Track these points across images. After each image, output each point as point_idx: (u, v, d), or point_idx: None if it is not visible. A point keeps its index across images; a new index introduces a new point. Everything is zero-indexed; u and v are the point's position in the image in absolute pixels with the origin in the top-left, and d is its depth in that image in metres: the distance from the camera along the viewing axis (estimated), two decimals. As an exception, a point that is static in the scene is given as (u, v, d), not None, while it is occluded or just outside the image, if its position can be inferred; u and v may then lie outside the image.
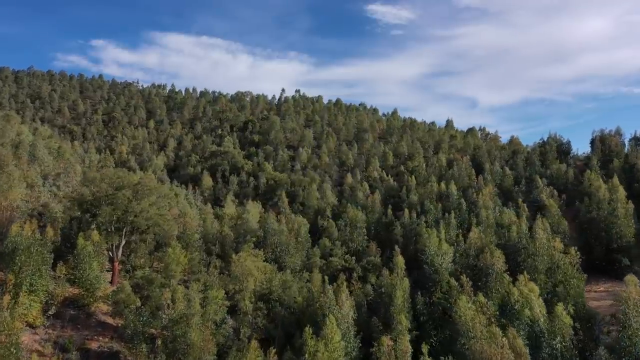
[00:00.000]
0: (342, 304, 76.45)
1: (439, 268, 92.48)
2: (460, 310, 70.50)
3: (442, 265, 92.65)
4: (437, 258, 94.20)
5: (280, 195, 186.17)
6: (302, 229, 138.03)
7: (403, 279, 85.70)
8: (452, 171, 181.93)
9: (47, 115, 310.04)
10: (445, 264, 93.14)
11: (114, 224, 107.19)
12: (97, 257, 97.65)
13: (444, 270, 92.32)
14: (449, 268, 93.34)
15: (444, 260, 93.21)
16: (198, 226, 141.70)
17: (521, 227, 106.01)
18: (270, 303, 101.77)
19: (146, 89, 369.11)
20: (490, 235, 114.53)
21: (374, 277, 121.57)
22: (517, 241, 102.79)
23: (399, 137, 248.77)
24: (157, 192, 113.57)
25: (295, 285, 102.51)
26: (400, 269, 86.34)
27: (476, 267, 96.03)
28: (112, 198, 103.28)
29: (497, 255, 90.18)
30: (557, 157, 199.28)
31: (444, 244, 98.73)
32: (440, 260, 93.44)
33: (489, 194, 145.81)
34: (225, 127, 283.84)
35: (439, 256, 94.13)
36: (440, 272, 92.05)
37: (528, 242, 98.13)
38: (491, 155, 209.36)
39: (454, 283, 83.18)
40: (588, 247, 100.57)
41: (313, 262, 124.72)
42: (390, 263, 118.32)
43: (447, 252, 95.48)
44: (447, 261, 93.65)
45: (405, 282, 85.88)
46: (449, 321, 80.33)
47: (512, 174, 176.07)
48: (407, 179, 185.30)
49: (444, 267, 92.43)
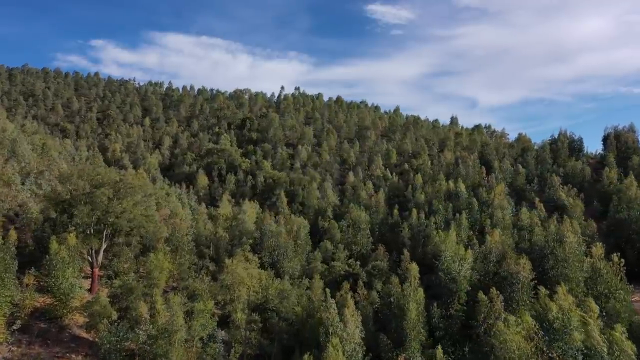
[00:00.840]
0: (347, 321, 64.60)
1: (457, 276, 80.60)
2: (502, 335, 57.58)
3: (461, 272, 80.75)
4: (453, 264, 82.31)
5: (279, 194, 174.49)
6: (302, 231, 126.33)
7: (417, 289, 73.89)
8: (459, 169, 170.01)
9: (40, 112, 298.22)
10: (464, 271, 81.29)
11: (93, 225, 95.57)
12: (72, 263, 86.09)
13: (462, 279, 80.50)
14: (467, 276, 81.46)
15: (462, 267, 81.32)
16: (190, 228, 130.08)
17: (549, 228, 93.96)
18: (267, 314, 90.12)
19: (143, 87, 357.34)
20: (508, 237, 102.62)
21: (380, 284, 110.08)
22: (543, 245, 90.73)
23: (402, 135, 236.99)
24: (143, 190, 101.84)
25: (294, 294, 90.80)
26: (413, 278, 74.61)
27: (497, 275, 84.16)
28: (90, 197, 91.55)
29: (523, 262, 78.33)
30: (569, 155, 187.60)
31: (461, 247, 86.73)
32: (458, 267, 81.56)
33: (502, 192, 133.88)
34: (222, 125, 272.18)
35: (456, 262, 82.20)
36: (458, 280, 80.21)
37: (555, 246, 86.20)
38: (499, 152, 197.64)
39: (483, 298, 71.06)
40: (618, 251, 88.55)
41: (313, 267, 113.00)
42: (399, 269, 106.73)
43: (466, 257, 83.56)
44: (465, 268, 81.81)
45: (420, 293, 74.17)
46: (472, 338, 68.64)
47: (524, 172, 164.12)
48: (413, 177, 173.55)
49: (462, 275, 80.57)
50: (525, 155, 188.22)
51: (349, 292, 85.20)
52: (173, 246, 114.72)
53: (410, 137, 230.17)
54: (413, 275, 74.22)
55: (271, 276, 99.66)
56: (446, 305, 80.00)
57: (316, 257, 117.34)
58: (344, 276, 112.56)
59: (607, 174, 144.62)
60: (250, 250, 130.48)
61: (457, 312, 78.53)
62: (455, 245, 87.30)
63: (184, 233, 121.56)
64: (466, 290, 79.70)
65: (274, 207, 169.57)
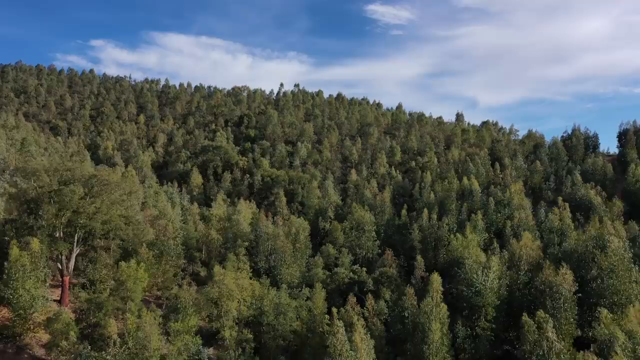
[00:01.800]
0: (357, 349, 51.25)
1: (482, 288, 67.17)
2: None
3: (486, 283, 67.34)
4: (477, 275, 68.88)
5: (277, 193, 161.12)
6: (302, 233, 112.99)
7: (439, 304, 60.56)
8: (469, 167, 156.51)
9: (32, 109, 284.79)
10: (490, 282, 67.87)
11: (62, 228, 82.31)
12: (35, 272, 73.02)
13: (488, 291, 67.08)
14: (494, 287, 68.05)
15: (487, 277, 67.94)
16: (179, 229, 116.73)
17: (588, 231, 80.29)
18: (261, 329, 76.82)
19: (138, 84, 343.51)
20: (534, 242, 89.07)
21: (388, 292, 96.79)
22: (582, 252, 77.07)
23: (406, 132, 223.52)
24: (121, 188, 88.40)
25: (293, 306, 77.43)
26: (435, 292, 61.30)
27: (530, 286, 70.76)
28: (58, 195, 78.21)
29: (564, 271, 65.01)
30: (585, 152, 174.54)
31: (479, 252, 73.33)
32: (483, 278, 68.16)
33: (520, 191, 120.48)
34: (219, 122, 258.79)
35: (479, 270, 68.75)
36: (483, 293, 66.80)
37: (597, 253, 72.69)
38: (509, 149, 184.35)
39: (528, 323, 57.43)
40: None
41: (314, 274, 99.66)
42: (412, 277, 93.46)
43: (490, 265, 70.12)
44: (491, 278, 68.44)
45: (443, 310, 61.00)
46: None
47: (542, 169, 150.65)
48: (421, 175, 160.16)
49: (488, 287, 67.13)
50: (538, 152, 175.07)
51: (355, 306, 71.78)
52: (158, 250, 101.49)
53: (415, 134, 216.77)
54: (435, 289, 61.08)
55: (266, 285, 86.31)
56: (471, 323, 66.72)
57: (317, 263, 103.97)
58: (348, 284, 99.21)
59: (633, 171, 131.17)
60: (246, 254, 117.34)
61: (485, 330, 65.38)
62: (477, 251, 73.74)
63: (171, 236, 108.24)
64: (495, 304, 66.36)
65: (272, 207, 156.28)
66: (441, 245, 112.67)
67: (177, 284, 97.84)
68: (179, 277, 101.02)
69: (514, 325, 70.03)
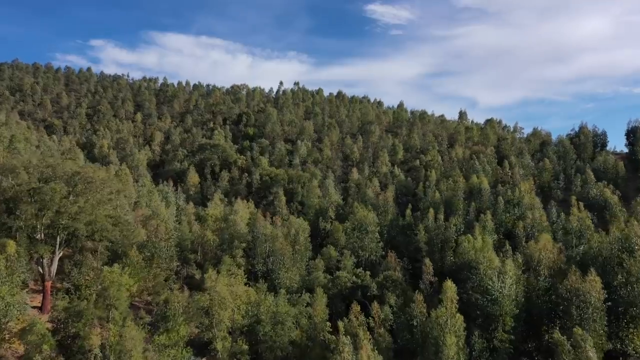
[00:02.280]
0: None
1: (499, 296, 60.58)
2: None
3: (504, 291, 60.74)
4: (492, 281, 62.30)
5: (277, 193, 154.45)
6: (302, 234, 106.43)
7: (455, 315, 54.01)
8: (475, 165, 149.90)
9: (27, 108, 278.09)
10: (507, 289, 61.27)
11: (43, 229, 75.86)
12: (10, 277, 66.62)
13: (505, 299, 60.46)
14: (512, 295, 61.46)
15: (504, 282, 61.37)
16: (173, 230, 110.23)
17: (615, 234, 73.55)
18: (258, 338, 70.29)
19: (136, 83, 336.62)
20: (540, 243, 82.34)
21: (393, 297, 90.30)
22: (607, 255, 70.43)
23: (408, 130, 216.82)
24: (108, 186, 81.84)
25: (292, 315, 70.86)
26: (450, 301, 54.84)
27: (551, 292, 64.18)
28: (38, 193, 71.71)
29: (592, 277, 58.46)
30: (593, 150, 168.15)
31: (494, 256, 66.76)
32: (499, 285, 61.58)
33: (530, 190, 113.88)
34: (217, 121, 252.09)
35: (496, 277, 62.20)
36: (501, 302, 60.22)
37: (623, 257, 66.10)
38: (515, 147, 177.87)
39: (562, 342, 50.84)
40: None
41: (315, 277, 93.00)
42: (420, 282, 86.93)
43: (507, 271, 63.53)
44: (508, 284, 61.82)
45: (459, 321, 54.50)
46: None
47: (551, 167, 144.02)
48: (425, 174, 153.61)
49: (505, 295, 60.52)
50: (545, 150, 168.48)
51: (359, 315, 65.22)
52: (149, 253, 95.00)
53: (418, 132, 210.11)
54: (449, 298, 54.64)
55: (263, 290, 79.72)
56: (488, 334, 60.13)
57: (317, 266, 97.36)
58: (351, 289, 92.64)
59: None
60: (243, 256, 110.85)
61: (503, 342, 58.83)
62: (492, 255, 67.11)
63: (163, 237, 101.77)
64: (513, 313, 59.77)
65: (271, 207, 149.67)
66: (448, 247, 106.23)
67: (170, 288, 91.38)
68: (171, 281, 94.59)
69: (533, 335, 63.71)
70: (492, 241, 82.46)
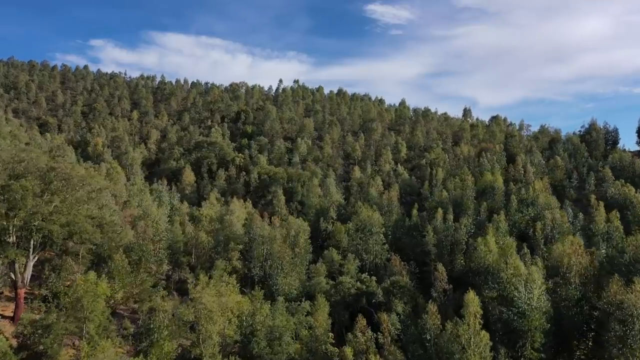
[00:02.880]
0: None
1: (527, 309, 52.61)
2: None
3: (532, 303, 52.76)
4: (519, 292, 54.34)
5: (275, 192, 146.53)
6: (302, 236, 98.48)
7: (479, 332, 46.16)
8: (484, 163, 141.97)
9: (22, 106, 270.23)
10: (536, 300, 53.30)
11: (15, 230, 67.93)
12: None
13: (535, 313, 52.49)
14: (542, 307, 53.51)
15: (533, 294, 53.43)
16: (164, 232, 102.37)
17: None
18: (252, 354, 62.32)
19: (133, 80, 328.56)
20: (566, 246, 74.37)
21: (401, 304, 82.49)
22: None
23: (411, 128, 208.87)
24: (88, 184, 73.88)
25: (291, 326, 62.91)
26: (472, 316, 47.08)
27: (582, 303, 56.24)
28: (7, 191, 63.80)
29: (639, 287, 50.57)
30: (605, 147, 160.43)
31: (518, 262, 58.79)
32: (526, 296, 53.62)
33: (545, 189, 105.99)
34: (215, 119, 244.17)
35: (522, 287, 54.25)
36: (529, 315, 52.29)
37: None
38: (523, 145, 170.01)
39: None
40: None
41: (316, 283, 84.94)
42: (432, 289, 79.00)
43: (535, 279, 55.55)
44: (537, 295, 53.86)
45: (484, 340, 46.64)
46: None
47: (564, 165, 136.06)
48: (431, 172, 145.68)
49: (535, 307, 52.55)
50: (555, 148, 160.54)
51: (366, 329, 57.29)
52: (136, 256, 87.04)
53: (421, 129, 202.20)
54: (472, 312, 46.51)
55: (259, 298, 71.70)
56: (514, 352, 52.20)
57: (319, 270, 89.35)
58: (355, 295, 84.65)
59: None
60: (240, 259, 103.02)
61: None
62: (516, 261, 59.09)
63: (151, 239, 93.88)
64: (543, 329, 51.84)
65: (269, 207, 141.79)
66: (459, 250, 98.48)
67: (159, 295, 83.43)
68: (160, 287, 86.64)
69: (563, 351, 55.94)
70: (514, 244, 74.37)
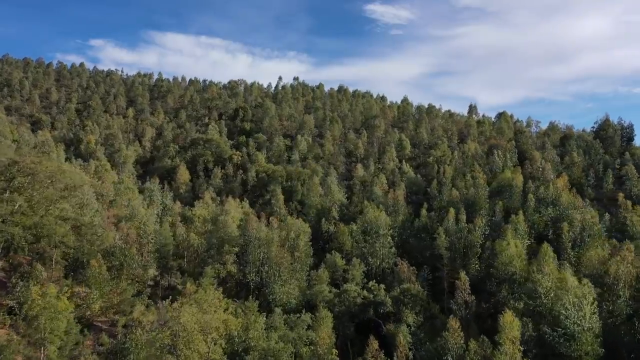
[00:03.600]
0: None
1: (578, 331, 43.14)
2: None
3: (583, 324, 43.32)
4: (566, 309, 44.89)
5: (274, 191, 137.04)
6: (302, 238, 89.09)
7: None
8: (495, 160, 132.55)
9: (15, 103, 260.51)
10: (588, 320, 43.83)
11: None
12: None
13: (586, 335, 43.08)
14: (595, 327, 44.10)
15: (584, 311, 43.92)
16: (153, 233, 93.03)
17: None
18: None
19: (130, 78, 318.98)
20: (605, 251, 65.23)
21: (412, 315, 73.36)
22: None
23: (415, 125, 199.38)
24: (59, 181, 64.48)
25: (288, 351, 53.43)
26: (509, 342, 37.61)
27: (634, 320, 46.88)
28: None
29: None
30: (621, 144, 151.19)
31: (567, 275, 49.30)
32: (575, 314, 44.13)
33: (566, 187, 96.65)
34: (213, 116, 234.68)
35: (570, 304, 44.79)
36: (580, 338, 42.90)
37: None
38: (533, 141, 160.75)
39: None
40: None
41: (318, 292, 75.45)
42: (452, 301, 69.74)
43: (585, 294, 45.94)
44: (589, 314, 44.41)
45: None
46: None
47: (581, 162, 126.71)
48: (437, 170, 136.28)
49: (586, 329, 43.13)
50: (568, 145, 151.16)
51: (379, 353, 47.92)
52: (117, 262, 77.70)
53: (425, 126, 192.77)
54: (510, 337, 37.14)
55: (253, 310, 62.29)
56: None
57: (320, 277, 79.85)
58: (361, 305, 75.26)
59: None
60: (235, 262, 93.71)
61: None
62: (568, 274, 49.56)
63: (137, 241, 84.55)
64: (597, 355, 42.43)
65: (268, 207, 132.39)
66: (472, 254, 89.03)
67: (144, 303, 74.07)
68: (144, 295, 77.26)
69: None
70: (551, 251, 64.73)
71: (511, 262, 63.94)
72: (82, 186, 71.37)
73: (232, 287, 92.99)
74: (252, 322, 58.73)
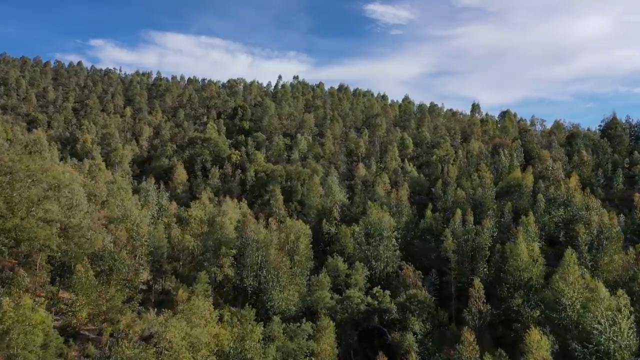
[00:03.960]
0: None
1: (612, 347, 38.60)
2: None
3: (619, 340, 38.76)
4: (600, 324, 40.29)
5: (273, 191, 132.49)
6: (302, 241, 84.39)
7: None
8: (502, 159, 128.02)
9: (11, 102, 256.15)
10: (625, 336, 39.23)
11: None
12: None
13: (623, 353, 38.53)
14: (632, 346, 39.53)
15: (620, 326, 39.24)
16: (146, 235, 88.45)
17: None
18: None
19: (128, 77, 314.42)
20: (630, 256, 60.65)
21: (418, 323, 68.81)
22: None
23: (417, 124, 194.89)
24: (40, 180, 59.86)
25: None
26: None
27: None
28: None
29: None
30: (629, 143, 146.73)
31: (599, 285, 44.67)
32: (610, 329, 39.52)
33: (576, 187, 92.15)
34: (211, 115, 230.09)
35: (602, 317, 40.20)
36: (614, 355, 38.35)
37: None
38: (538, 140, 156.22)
39: None
40: None
41: (319, 298, 70.81)
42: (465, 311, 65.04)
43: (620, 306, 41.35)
44: (626, 329, 39.74)
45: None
46: None
47: (590, 161, 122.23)
48: (441, 169, 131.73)
49: (623, 347, 38.56)
50: (574, 144, 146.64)
51: None
52: (106, 266, 73.09)
53: (428, 125, 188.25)
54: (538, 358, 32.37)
55: (250, 319, 57.63)
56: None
57: (322, 283, 75.17)
58: (365, 313, 70.67)
59: None
60: (232, 265, 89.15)
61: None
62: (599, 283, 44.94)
63: (129, 244, 79.98)
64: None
65: (267, 208, 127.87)
66: (481, 257, 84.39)
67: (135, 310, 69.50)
68: (135, 301, 72.69)
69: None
70: (575, 256, 60.09)
71: (527, 267, 59.48)
72: (68, 186, 66.85)
73: (229, 291, 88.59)
74: (249, 332, 54.13)
